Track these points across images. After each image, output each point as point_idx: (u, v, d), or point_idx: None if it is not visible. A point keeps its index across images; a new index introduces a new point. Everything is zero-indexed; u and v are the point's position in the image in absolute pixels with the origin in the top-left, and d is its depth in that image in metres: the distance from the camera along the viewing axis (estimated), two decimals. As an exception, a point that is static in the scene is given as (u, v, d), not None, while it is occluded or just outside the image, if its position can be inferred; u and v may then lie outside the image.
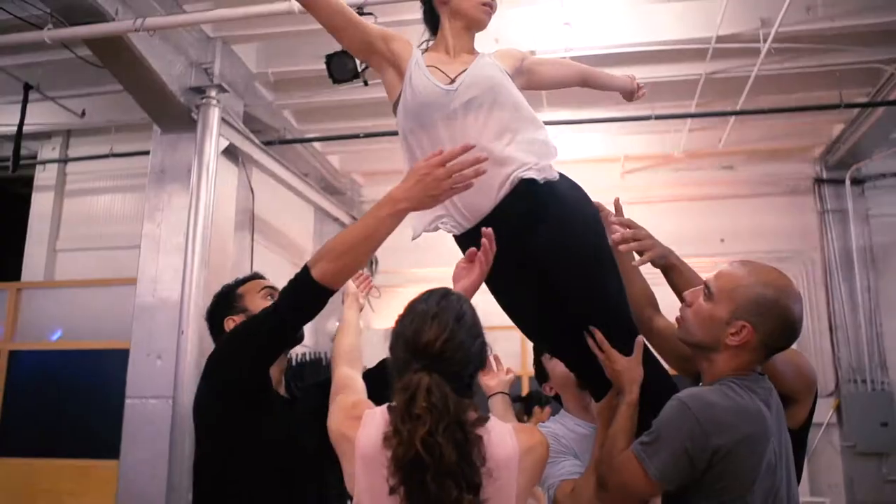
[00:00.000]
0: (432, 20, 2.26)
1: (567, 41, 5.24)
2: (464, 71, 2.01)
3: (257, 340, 1.84)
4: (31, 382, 5.40)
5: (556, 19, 5.05)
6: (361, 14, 3.97)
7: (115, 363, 5.00)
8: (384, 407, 1.52)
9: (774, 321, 1.63)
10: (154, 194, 5.04)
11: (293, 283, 1.79)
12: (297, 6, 3.84)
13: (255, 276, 2.25)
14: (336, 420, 1.60)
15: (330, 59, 3.88)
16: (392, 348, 1.55)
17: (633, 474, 1.61)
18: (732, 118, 6.10)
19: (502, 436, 1.49)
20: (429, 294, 1.58)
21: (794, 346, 1.76)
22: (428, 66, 2.04)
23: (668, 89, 5.77)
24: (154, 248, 4.93)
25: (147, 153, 6.23)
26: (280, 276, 1.98)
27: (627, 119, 5.98)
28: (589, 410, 2.14)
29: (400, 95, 2.03)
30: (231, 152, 5.31)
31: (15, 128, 6.09)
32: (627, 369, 1.81)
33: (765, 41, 4.82)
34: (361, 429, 1.50)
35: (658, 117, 5.77)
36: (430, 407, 1.40)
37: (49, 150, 7.40)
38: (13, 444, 5.22)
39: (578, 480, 1.92)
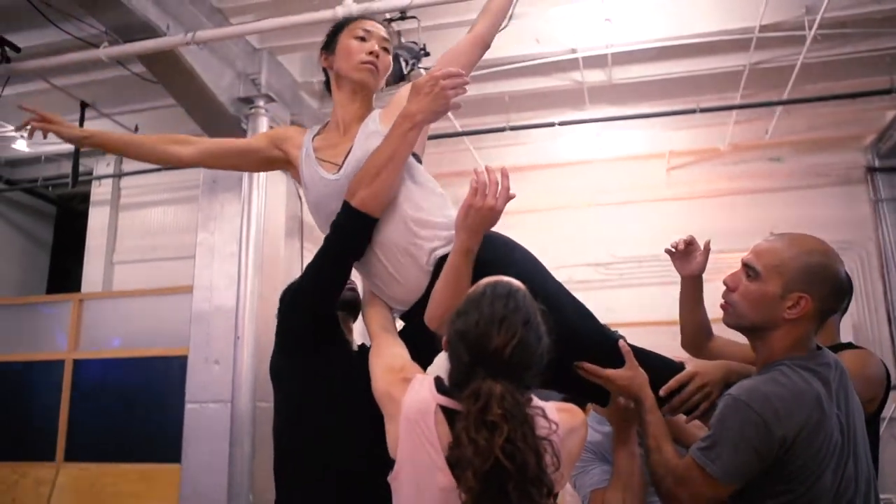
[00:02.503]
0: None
1: (608, 38, 5.24)
2: (350, 150, 1.94)
3: (322, 274, 1.91)
4: (95, 390, 5.56)
5: (597, 16, 5.04)
6: (404, 18, 4.06)
7: (174, 369, 5.15)
8: (431, 379, 1.53)
9: (827, 286, 1.63)
10: (207, 204, 5.18)
11: (338, 219, 1.85)
12: (341, 12, 3.93)
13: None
14: (384, 381, 1.60)
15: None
16: (453, 347, 1.50)
17: (701, 482, 1.58)
18: (779, 108, 6.01)
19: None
20: (492, 289, 1.52)
21: (855, 342, 1.72)
22: (318, 152, 1.99)
23: (712, 82, 5.72)
24: (209, 257, 5.06)
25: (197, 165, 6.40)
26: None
27: (671, 113, 5.92)
28: None
29: None
30: (280, 160, 5.42)
31: (73, 145, 6.32)
32: (630, 378, 1.79)
33: (810, 28, 4.75)
34: (409, 392, 1.50)
35: (703, 110, 5.72)
36: (506, 415, 1.36)
37: (104, 166, 7.64)
38: (79, 449, 5.39)
39: (607, 494, 1.91)
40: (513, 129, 6.02)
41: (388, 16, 4.07)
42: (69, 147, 6.75)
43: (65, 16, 4.58)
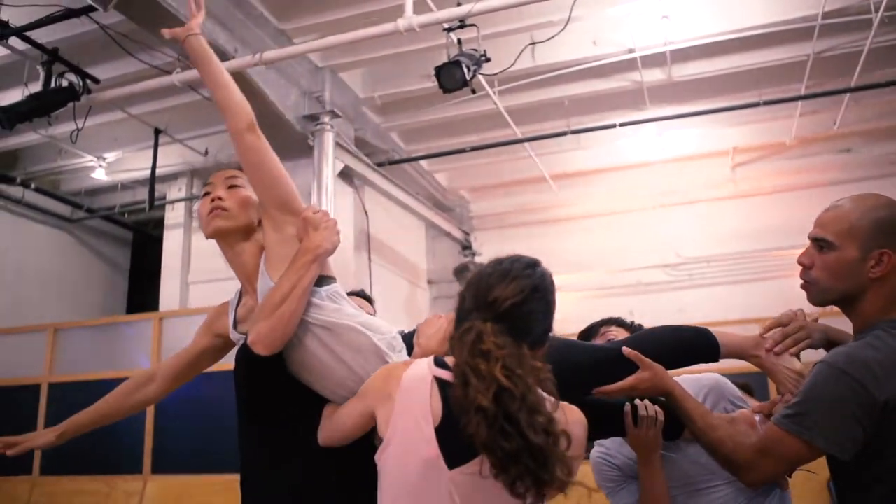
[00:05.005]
0: None
1: (666, 35, 5.23)
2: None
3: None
4: (178, 403, 5.73)
5: (654, 14, 5.05)
6: (463, 27, 4.14)
7: (253, 382, 5.28)
8: (433, 356, 1.51)
9: None
10: (278, 219, 5.32)
11: (239, 352, 1.82)
12: (402, 25, 4.03)
13: (355, 294, 2.26)
14: (380, 376, 1.58)
15: (439, 71, 4.03)
16: (460, 296, 1.51)
17: (791, 450, 1.54)
18: (847, 97, 5.89)
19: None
20: (519, 257, 1.53)
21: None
22: (239, 325, 1.93)
23: (775, 74, 5.64)
24: (282, 271, 5.20)
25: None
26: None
27: (734, 108, 5.85)
28: None
29: None
30: (346, 174, 5.56)
31: (147, 171, 6.60)
32: (651, 377, 1.75)
33: (876, 11, 4.65)
34: (411, 368, 1.49)
35: (766, 103, 5.61)
36: (498, 345, 1.35)
37: (176, 191, 7.92)
38: (165, 462, 5.56)
39: None
40: (574, 132, 6.03)
41: (447, 25, 4.16)
42: (144, 174, 7.06)
43: (140, 46, 4.80)
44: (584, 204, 7.76)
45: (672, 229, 7.46)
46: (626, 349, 1.77)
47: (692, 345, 1.91)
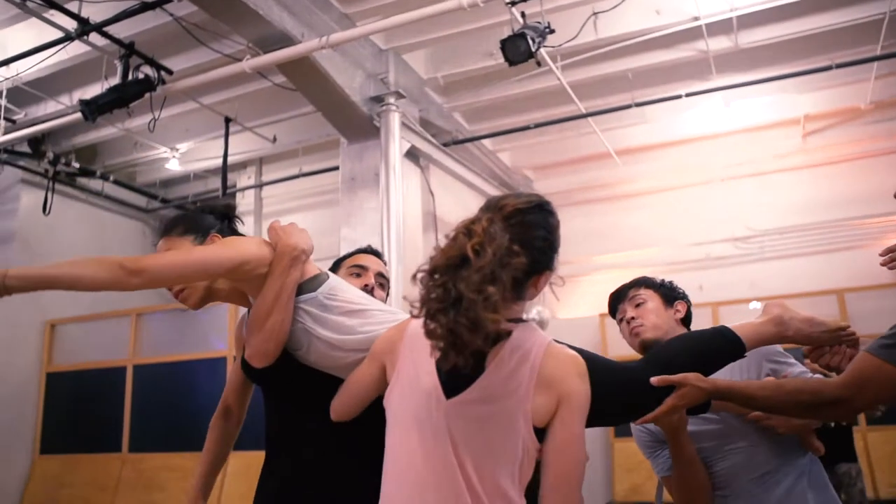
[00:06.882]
0: None
1: (732, 0, 5.12)
2: None
3: None
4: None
5: (720, -21, 4.95)
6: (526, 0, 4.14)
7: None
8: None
9: None
10: (348, 201, 5.44)
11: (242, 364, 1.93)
12: (465, 1, 4.06)
13: (362, 251, 2.32)
14: (387, 334, 1.66)
15: (504, 44, 4.05)
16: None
17: (894, 378, 1.56)
18: (926, 57, 5.66)
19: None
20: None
21: None
22: None
23: (848, 35, 5.44)
24: (351, 250, 5.30)
25: (331, 170, 6.73)
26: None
27: (805, 73, 5.66)
28: None
29: None
30: (412, 155, 5.63)
31: (217, 160, 6.81)
32: (688, 393, 1.68)
33: (957, -36, 4.47)
34: (414, 321, 1.52)
35: (839, 66, 5.42)
36: (486, 230, 1.39)
37: (245, 179, 8.15)
38: (248, 439, 5.75)
39: (670, 480, 2.02)
40: (638, 105, 5.95)
41: (509, -1, 4.18)
42: (214, 163, 7.28)
43: (211, 35, 4.96)
44: (649, 179, 7.66)
45: (741, 202, 7.31)
46: (654, 380, 1.68)
47: (719, 349, 1.82)
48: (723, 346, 1.80)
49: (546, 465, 1.41)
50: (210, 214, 1.93)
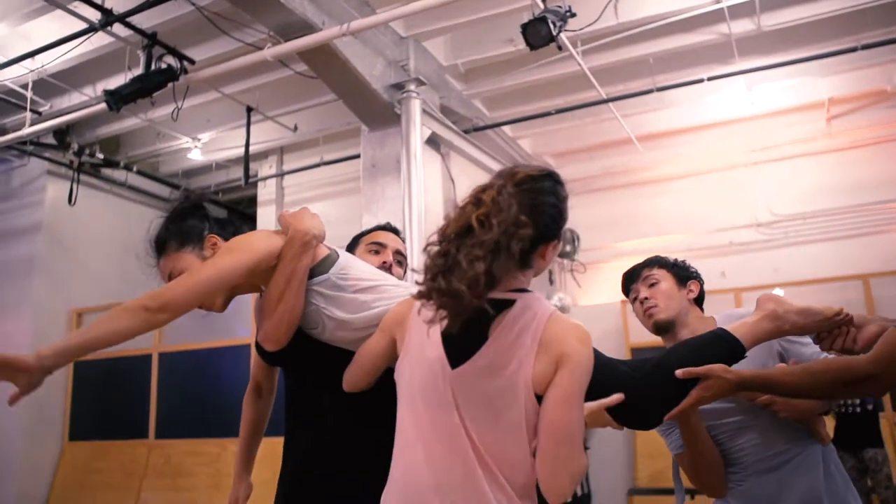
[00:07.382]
0: None
1: (758, -23, 5.05)
2: None
3: None
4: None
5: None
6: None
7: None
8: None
9: None
10: (369, 188, 5.46)
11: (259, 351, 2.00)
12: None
13: (381, 228, 2.32)
14: (395, 310, 1.71)
15: (525, 28, 4.04)
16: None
17: None
18: (954, 37, 5.56)
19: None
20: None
21: None
22: None
23: (874, 15, 5.34)
24: (374, 237, 5.33)
25: (351, 158, 6.75)
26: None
27: (829, 55, 5.56)
28: None
29: None
30: (433, 142, 5.64)
31: (239, 150, 6.86)
32: (713, 385, 1.69)
33: None
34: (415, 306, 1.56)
35: (865, 47, 5.33)
36: (494, 199, 1.42)
37: (267, 168, 8.19)
38: (271, 423, 5.83)
39: (682, 458, 2.05)
40: (659, 90, 5.90)
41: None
42: (236, 153, 7.34)
43: (233, 24, 4.98)
44: (671, 165, 7.61)
45: (764, 187, 7.25)
46: (679, 372, 1.69)
47: (719, 354, 1.78)
48: (723, 349, 1.79)
49: (539, 425, 1.42)
50: (190, 217, 1.94)
